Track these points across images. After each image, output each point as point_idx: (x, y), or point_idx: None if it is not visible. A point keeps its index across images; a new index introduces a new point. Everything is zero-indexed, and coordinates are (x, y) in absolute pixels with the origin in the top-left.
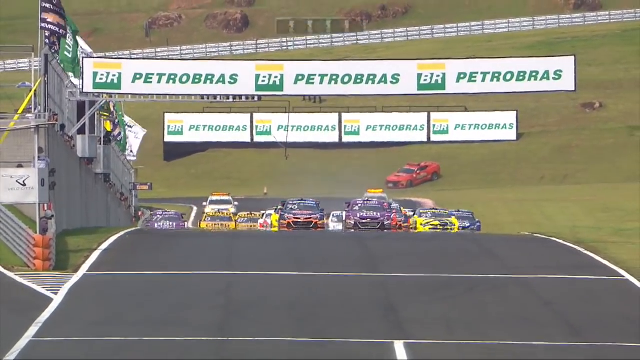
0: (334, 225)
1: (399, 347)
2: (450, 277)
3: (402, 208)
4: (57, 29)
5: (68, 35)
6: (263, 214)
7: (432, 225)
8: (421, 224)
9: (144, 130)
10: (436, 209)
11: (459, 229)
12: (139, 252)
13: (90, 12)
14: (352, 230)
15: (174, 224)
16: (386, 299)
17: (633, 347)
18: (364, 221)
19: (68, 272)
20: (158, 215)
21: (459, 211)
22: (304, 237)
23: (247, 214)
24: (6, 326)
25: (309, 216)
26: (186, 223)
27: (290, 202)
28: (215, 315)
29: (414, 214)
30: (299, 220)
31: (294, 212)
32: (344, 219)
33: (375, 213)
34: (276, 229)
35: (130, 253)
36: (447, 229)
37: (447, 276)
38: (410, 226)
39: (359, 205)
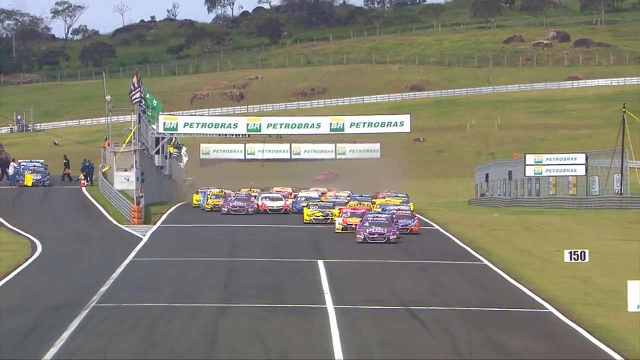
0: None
1: (320, 263)
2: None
3: (413, 210)
4: (139, 101)
5: (146, 102)
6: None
7: None
8: None
9: (187, 155)
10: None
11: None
12: (187, 215)
13: (162, 91)
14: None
15: (245, 203)
16: (314, 239)
17: (440, 263)
18: (372, 236)
19: (150, 225)
20: (232, 197)
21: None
22: (274, 214)
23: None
24: (118, 252)
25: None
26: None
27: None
28: (226, 247)
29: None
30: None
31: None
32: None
33: (382, 229)
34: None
35: (182, 215)
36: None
37: None
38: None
39: (369, 221)
